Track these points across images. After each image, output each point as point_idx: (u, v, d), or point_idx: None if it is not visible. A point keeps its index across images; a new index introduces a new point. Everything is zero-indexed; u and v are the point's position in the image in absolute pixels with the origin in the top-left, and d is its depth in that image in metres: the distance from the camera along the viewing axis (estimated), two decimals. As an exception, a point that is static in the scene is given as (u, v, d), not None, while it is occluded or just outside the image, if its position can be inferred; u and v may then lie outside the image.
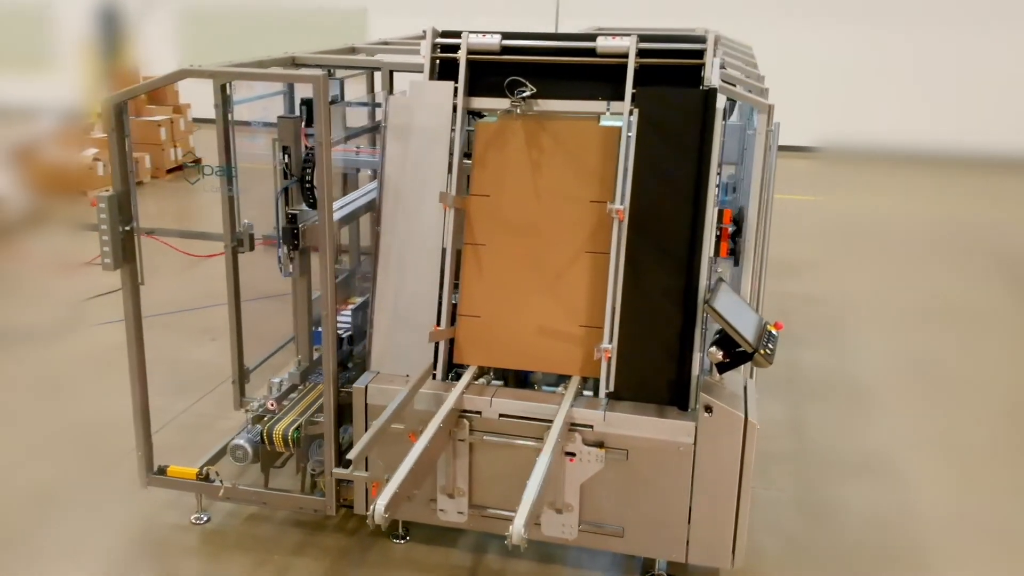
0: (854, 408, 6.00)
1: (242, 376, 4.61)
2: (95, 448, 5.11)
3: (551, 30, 6.57)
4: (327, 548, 4.33)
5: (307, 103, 5.45)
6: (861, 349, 7.00)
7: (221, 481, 4.39)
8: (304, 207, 4.10)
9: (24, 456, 5.12)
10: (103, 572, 4.18)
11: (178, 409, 5.52)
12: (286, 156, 4.03)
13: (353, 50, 5.34)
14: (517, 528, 3.13)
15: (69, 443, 5.18)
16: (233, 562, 4.23)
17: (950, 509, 4.88)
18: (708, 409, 3.86)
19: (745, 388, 4.10)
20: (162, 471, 4.45)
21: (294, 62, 4.71)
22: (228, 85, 4.05)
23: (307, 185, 3.98)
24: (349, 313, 4.80)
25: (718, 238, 4.14)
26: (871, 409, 5.99)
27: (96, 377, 6.03)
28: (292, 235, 4.04)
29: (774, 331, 4.07)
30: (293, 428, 4.26)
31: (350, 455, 3.55)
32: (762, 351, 3.82)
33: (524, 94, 4.13)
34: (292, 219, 4.05)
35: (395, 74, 4.49)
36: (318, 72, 3.83)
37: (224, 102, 4.07)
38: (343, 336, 4.63)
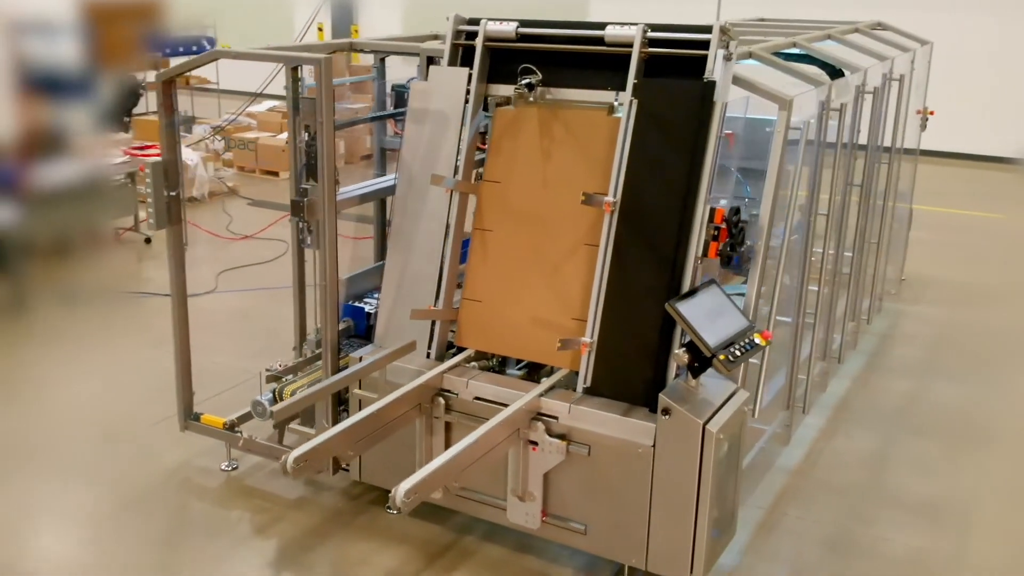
0: (956, 450, 5.62)
1: (302, 341, 5.15)
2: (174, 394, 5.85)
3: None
4: (324, 506, 4.77)
5: (397, 89, 5.96)
6: (1008, 392, 6.48)
7: (241, 432, 4.94)
8: (315, 183, 4.54)
9: (114, 393, 5.98)
10: (117, 497, 4.85)
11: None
12: (307, 135, 4.50)
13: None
14: (400, 491, 3.38)
15: (156, 388, 5.95)
16: (235, 506, 4.78)
17: (1001, 565, 4.52)
18: (666, 412, 3.90)
19: (733, 396, 4.07)
20: (197, 418, 5.07)
21: (352, 47, 5.19)
22: (300, 68, 4.57)
23: (313, 162, 4.42)
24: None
25: (715, 237, 4.13)
26: (975, 454, 5.58)
27: (208, 335, 6.84)
28: (299, 208, 4.50)
29: (759, 340, 4.03)
30: (297, 388, 4.73)
31: (275, 407, 3.96)
32: (722, 356, 3.81)
33: (524, 81, 4.34)
34: (303, 193, 4.51)
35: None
36: (321, 55, 4.25)
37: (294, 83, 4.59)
38: (370, 312, 5.04)
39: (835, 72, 5.67)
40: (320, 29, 17.53)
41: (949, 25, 12.17)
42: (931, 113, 7.78)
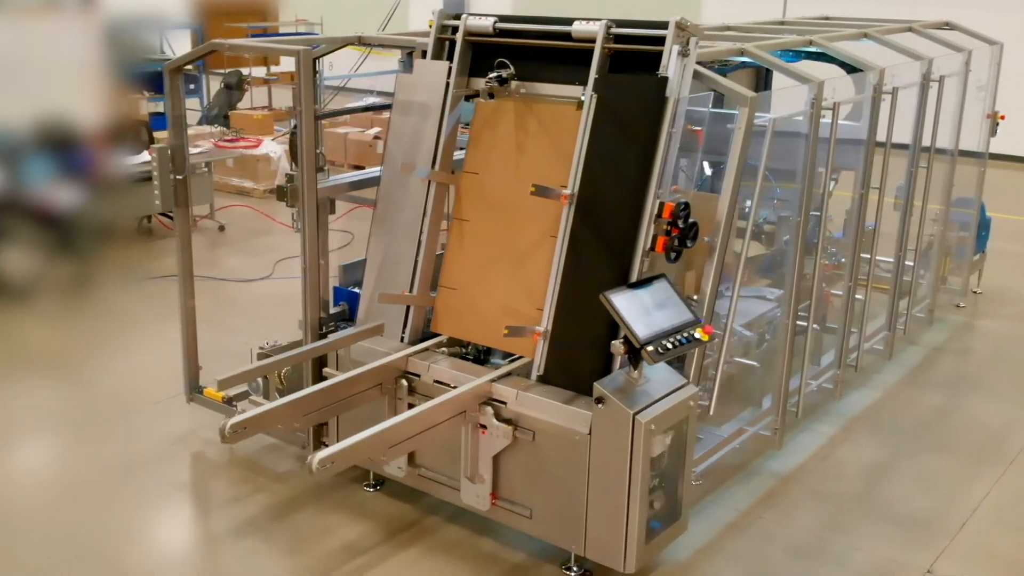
0: (968, 469, 5.50)
1: (307, 322, 5.50)
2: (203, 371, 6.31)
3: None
4: (306, 481, 5.10)
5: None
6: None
7: (236, 407, 5.33)
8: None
9: (147, 367, 6.48)
10: (111, 459, 5.30)
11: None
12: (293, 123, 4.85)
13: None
14: (315, 458, 3.66)
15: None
16: (222, 477, 5.17)
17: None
18: (600, 401, 4.05)
19: (678, 390, 4.19)
20: (200, 391, 5.50)
21: (360, 40, 5.53)
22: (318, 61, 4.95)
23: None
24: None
25: (667, 231, 4.24)
26: (986, 473, 5.45)
27: (247, 318, 7.34)
28: (283, 193, 4.85)
29: (699, 335, 4.14)
30: (289, 367, 5.08)
31: (219, 377, 4.31)
32: (649, 348, 3.94)
33: (494, 75, 4.56)
34: (289, 179, 4.86)
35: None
36: (301, 47, 4.59)
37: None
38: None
39: (853, 70, 5.68)
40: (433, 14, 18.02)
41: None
42: (1001, 117, 7.56)
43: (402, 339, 4.84)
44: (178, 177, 5.19)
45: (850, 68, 5.73)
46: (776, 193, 5.97)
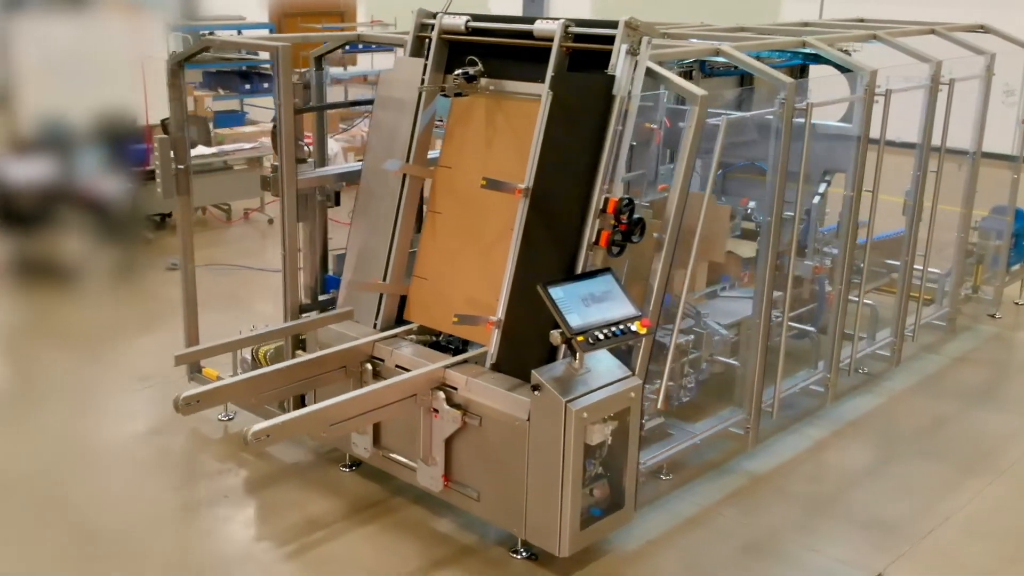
0: (953, 478, 5.48)
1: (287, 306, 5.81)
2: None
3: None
4: (287, 458, 5.40)
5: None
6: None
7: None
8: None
9: (169, 347, 6.87)
10: (114, 429, 5.72)
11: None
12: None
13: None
14: (250, 431, 3.94)
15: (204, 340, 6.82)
16: (209, 451, 5.52)
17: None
18: (536, 388, 4.23)
19: (619, 381, 4.34)
20: (200, 370, 5.85)
21: (360, 38, 5.83)
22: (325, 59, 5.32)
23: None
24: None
25: (614, 226, 4.39)
26: (970, 483, 5.42)
27: (271, 304, 7.71)
28: (267, 183, 5.16)
29: (636, 328, 4.28)
30: (272, 349, 5.40)
31: (177, 353, 4.62)
32: (580, 338, 4.10)
33: (460, 71, 4.77)
34: (274, 170, 5.17)
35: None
36: (278, 44, 4.89)
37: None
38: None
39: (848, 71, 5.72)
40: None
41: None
42: (1035, 123, 7.43)
43: (375, 325, 5.10)
44: (179, 167, 5.54)
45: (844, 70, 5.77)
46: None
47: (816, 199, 5.85)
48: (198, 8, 6.10)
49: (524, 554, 4.57)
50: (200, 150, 9.34)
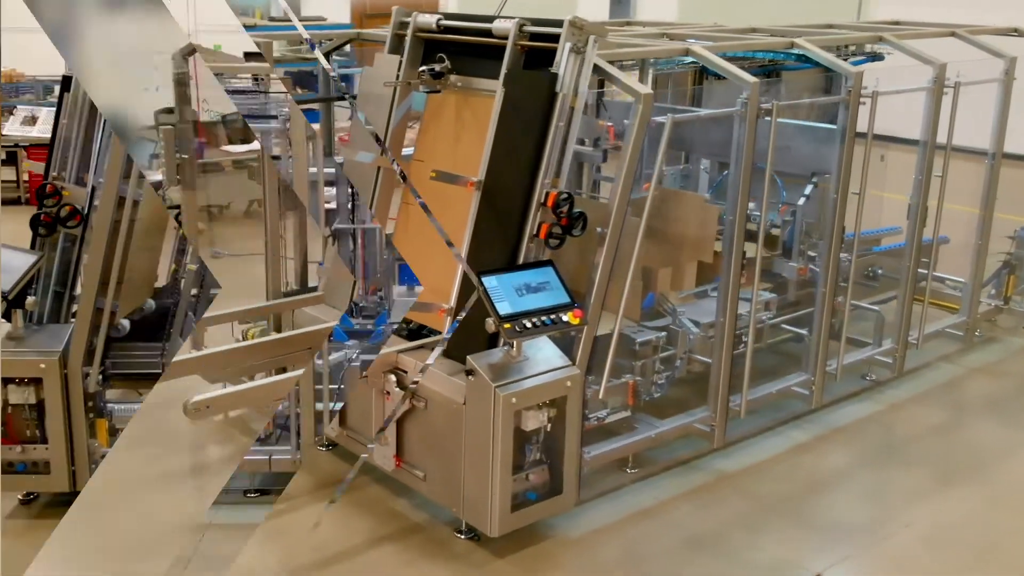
0: (931, 488, 5.45)
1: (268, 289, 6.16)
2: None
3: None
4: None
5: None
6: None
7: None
8: (271, 152, 5.52)
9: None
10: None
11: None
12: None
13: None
14: (191, 400, 4.26)
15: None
16: (211, 435, 5.86)
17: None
18: (470, 373, 4.44)
19: (556, 370, 4.52)
20: (202, 350, 6.24)
21: (359, 36, 6.12)
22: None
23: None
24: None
25: (556, 220, 4.56)
26: (947, 493, 5.39)
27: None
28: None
29: (568, 318, 4.44)
30: (258, 331, 5.73)
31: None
32: (507, 325, 4.30)
33: (426, 67, 5.00)
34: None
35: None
36: (263, 40, 5.22)
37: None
38: (342, 273, 5.93)
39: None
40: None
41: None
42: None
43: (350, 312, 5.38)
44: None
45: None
46: (783, 197, 6.08)
47: (802, 200, 5.87)
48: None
49: (468, 534, 4.77)
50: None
